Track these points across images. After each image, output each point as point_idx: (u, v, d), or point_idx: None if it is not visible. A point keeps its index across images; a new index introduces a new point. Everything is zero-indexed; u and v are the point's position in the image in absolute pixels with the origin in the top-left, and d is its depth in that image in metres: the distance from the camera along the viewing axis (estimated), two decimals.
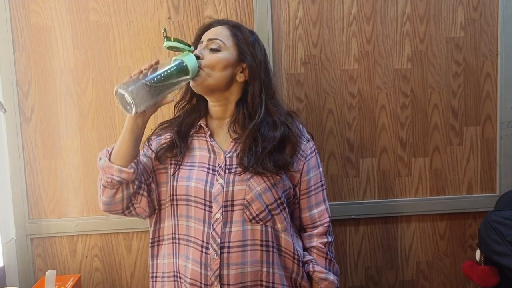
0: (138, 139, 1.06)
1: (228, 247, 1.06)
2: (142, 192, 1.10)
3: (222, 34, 1.13)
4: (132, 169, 1.04)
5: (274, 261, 1.10)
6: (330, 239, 1.19)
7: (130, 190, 1.07)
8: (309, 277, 1.16)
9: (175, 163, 1.14)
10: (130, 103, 0.96)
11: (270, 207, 1.09)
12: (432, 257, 1.61)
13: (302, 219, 1.20)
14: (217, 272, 1.06)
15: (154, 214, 1.16)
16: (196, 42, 1.19)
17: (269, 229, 1.09)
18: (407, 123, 1.56)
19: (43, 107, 1.49)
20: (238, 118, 1.14)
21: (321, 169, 1.21)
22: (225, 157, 1.12)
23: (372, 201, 1.57)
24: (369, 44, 1.53)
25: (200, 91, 1.13)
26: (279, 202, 1.11)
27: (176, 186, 1.11)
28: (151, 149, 1.18)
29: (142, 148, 1.19)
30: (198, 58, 1.09)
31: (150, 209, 1.13)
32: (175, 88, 1.06)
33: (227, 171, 1.10)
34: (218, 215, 1.07)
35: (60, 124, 1.49)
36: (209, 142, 1.15)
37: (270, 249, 1.09)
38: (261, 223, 1.08)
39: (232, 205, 1.08)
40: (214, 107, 1.18)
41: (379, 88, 1.54)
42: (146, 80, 0.99)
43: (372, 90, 1.54)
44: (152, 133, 1.22)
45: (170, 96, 1.06)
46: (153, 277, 1.17)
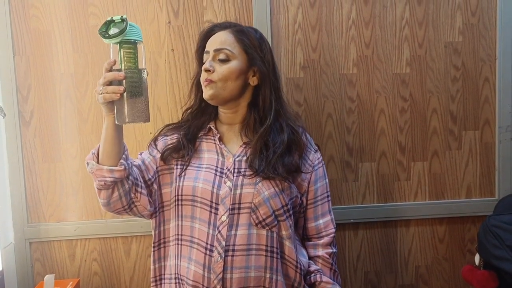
0: (121, 134, 1.03)
1: (233, 250, 1.06)
2: (140, 190, 1.10)
3: (227, 42, 1.12)
4: (123, 166, 1.03)
5: (277, 268, 1.09)
6: (334, 250, 1.19)
7: (125, 187, 1.06)
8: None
9: (182, 164, 1.14)
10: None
11: (277, 213, 1.09)
12: (431, 261, 1.61)
13: (307, 229, 1.20)
14: (220, 276, 1.05)
15: (156, 215, 1.16)
16: (200, 50, 1.19)
17: (274, 235, 1.09)
18: (406, 127, 1.56)
19: (43, 111, 1.49)
20: (249, 123, 1.15)
21: (327, 180, 1.21)
22: (234, 161, 1.12)
23: (371, 205, 1.57)
24: (368, 48, 1.53)
25: (215, 104, 1.15)
26: (285, 208, 1.10)
27: (183, 186, 1.11)
28: (157, 149, 1.17)
29: (148, 147, 1.20)
30: (208, 71, 1.10)
31: (151, 207, 1.13)
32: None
33: (235, 174, 1.10)
34: (225, 218, 1.07)
35: (59, 128, 1.49)
36: (218, 145, 1.15)
37: (275, 255, 1.09)
38: (267, 228, 1.08)
39: (239, 208, 1.08)
40: (225, 114, 1.18)
41: (378, 92, 1.54)
42: (131, 98, 0.95)
43: (371, 95, 1.54)
44: (158, 133, 1.22)
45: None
46: (157, 280, 1.16)
